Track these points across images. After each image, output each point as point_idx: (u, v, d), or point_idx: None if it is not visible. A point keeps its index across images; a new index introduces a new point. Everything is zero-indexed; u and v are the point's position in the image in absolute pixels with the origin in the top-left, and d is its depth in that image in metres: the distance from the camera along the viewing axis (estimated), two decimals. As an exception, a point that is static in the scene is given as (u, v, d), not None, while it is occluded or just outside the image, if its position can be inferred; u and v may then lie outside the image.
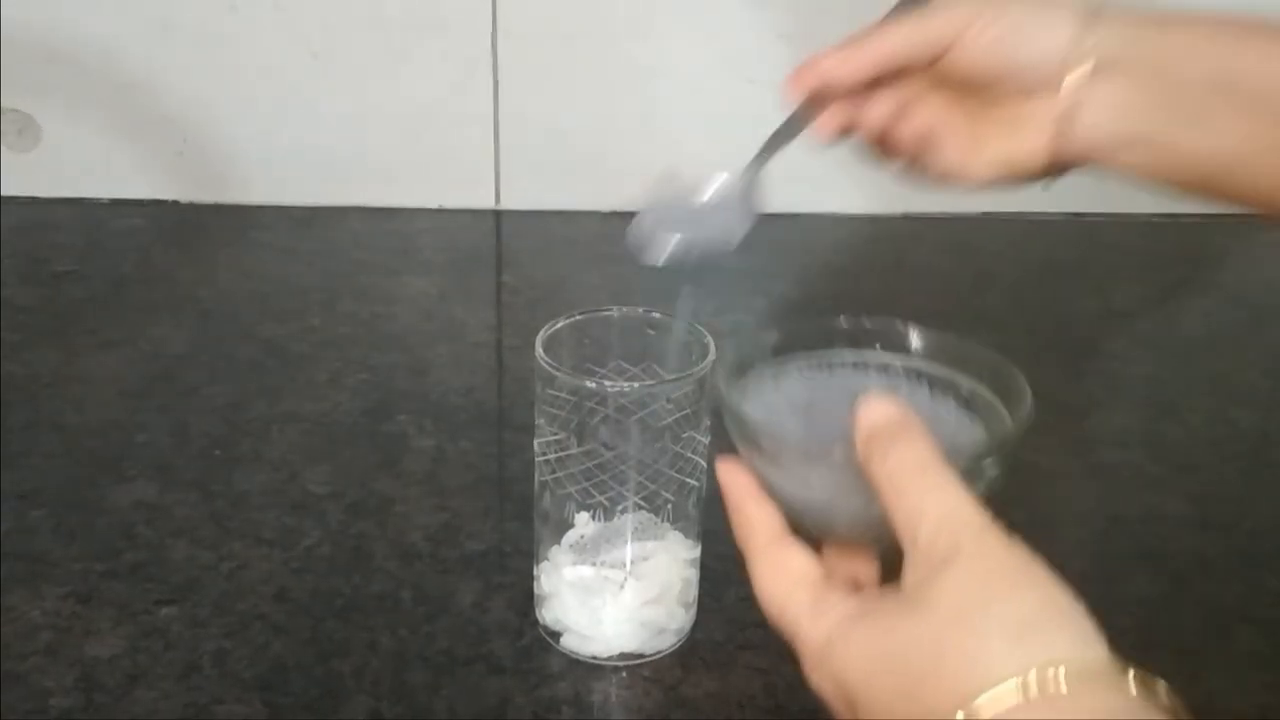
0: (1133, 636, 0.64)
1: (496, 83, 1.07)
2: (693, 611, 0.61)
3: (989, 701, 0.35)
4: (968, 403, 0.48)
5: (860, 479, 0.40)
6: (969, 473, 0.41)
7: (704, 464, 0.58)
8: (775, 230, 1.09)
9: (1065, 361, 0.91)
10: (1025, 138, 0.54)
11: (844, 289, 1.01)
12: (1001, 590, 0.37)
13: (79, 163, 1.09)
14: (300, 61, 1.06)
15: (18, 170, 1.08)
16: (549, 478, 0.58)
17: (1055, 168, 0.55)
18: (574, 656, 0.59)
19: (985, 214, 1.13)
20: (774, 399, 0.48)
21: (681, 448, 0.56)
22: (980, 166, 0.56)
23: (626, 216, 1.19)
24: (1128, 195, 1.18)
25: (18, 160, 1.08)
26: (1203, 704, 0.58)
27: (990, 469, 0.43)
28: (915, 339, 0.50)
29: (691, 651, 0.60)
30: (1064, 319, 0.98)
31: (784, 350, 0.50)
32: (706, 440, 0.57)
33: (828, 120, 0.57)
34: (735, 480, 0.44)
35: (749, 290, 0.99)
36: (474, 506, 0.70)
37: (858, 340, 0.50)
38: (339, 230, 1.08)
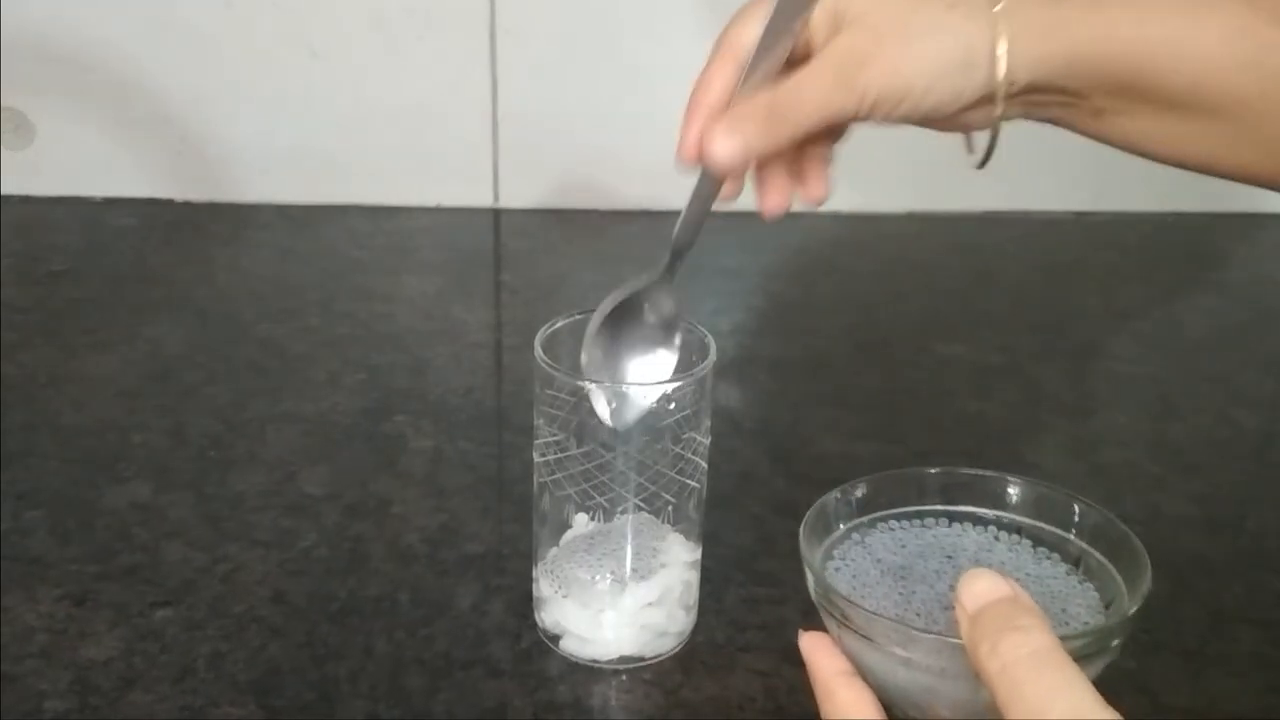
0: (1135, 637, 0.64)
1: (495, 81, 1.07)
2: (693, 614, 0.61)
3: None
4: (1075, 562, 0.45)
5: (965, 661, 0.37)
6: (1089, 653, 0.38)
7: (704, 465, 0.58)
8: (775, 230, 1.09)
9: (1067, 361, 0.91)
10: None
11: (844, 289, 1.01)
12: None
13: (75, 161, 1.09)
14: (298, 60, 1.06)
15: (13, 169, 1.08)
16: (548, 479, 0.57)
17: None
18: (573, 659, 0.59)
19: (987, 213, 1.12)
20: (863, 564, 0.45)
21: (682, 449, 0.56)
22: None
23: (626, 216, 1.20)
24: (1131, 194, 1.18)
25: (13, 158, 1.08)
26: (1205, 705, 0.58)
27: (1111, 647, 0.40)
28: (1014, 493, 0.47)
29: (692, 654, 0.60)
30: (1066, 318, 0.98)
31: (869, 506, 0.47)
32: (707, 441, 0.57)
33: (730, 188, 0.54)
34: (824, 659, 0.41)
35: (749, 290, 0.99)
36: (472, 508, 0.70)
37: (950, 494, 0.47)
38: (337, 229, 1.07)
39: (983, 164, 0.55)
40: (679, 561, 0.59)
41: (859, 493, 0.47)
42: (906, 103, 0.50)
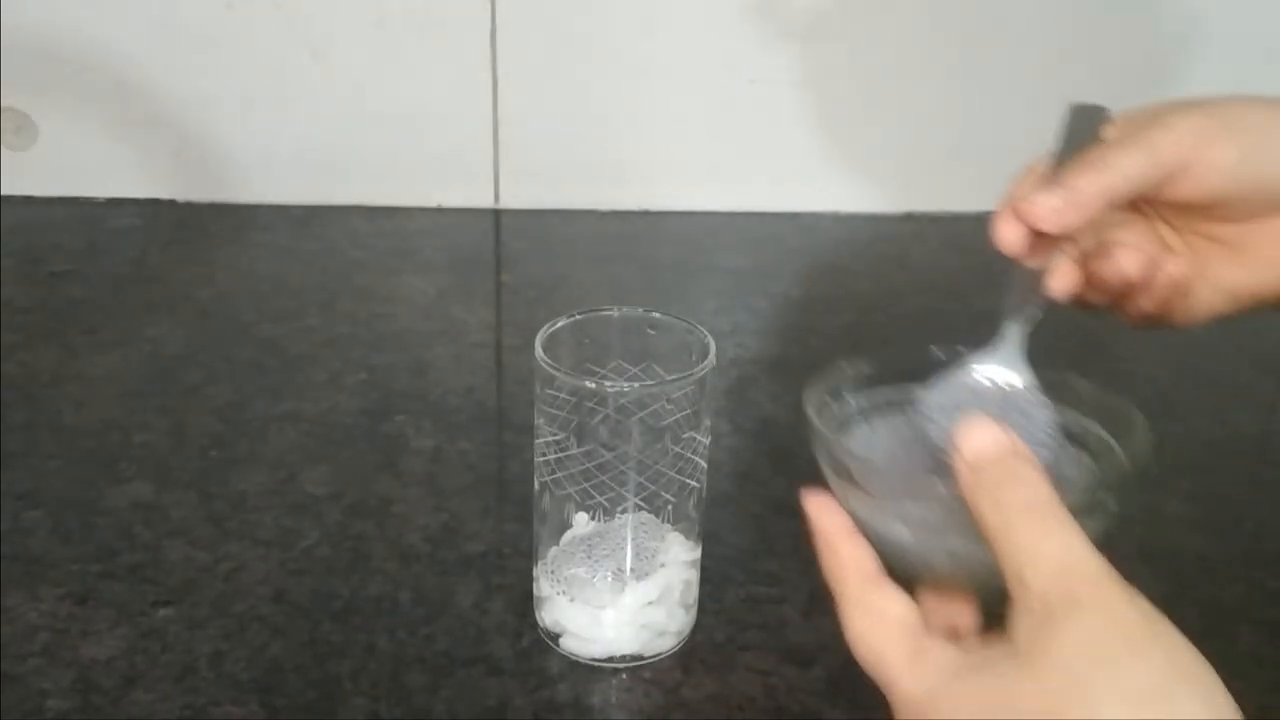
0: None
1: (495, 82, 1.07)
2: (693, 613, 0.61)
3: None
4: (1077, 439, 0.45)
5: (962, 516, 0.37)
6: (1084, 511, 0.38)
7: (704, 465, 0.58)
8: (775, 230, 1.10)
9: (1067, 361, 0.90)
10: (1262, 263, 0.49)
11: (844, 289, 1.01)
12: (1122, 652, 0.34)
13: (76, 162, 1.09)
14: (299, 60, 1.06)
15: (15, 169, 1.08)
16: (548, 478, 0.57)
17: None
18: (573, 658, 0.59)
19: (987, 213, 1.12)
20: (866, 430, 0.46)
21: (682, 448, 0.56)
22: (1214, 303, 0.51)
23: (626, 216, 1.20)
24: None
25: (15, 159, 1.08)
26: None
27: (1109, 507, 0.40)
28: (1019, 372, 0.47)
29: (692, 653, 0.60)
30: (1066, 318, 0.97)
31: (876, 382, 0.47)
32: (707, 441, 0.57)
33: (1066, 278, 0.51)
34: (826, 517, 0.41)
35: (749, 290, 0.99)
36: (473, 507, 0.70)
37: (958, 367, 0.47)
38: (338, 230, 1.07)
39: None
40: (679, 561, 0.59)
41: (864, 369, 0.47)
42: (1231, 140, 0.47)
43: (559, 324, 0.57)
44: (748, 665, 0.59)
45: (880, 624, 0.39)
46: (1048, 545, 0.35)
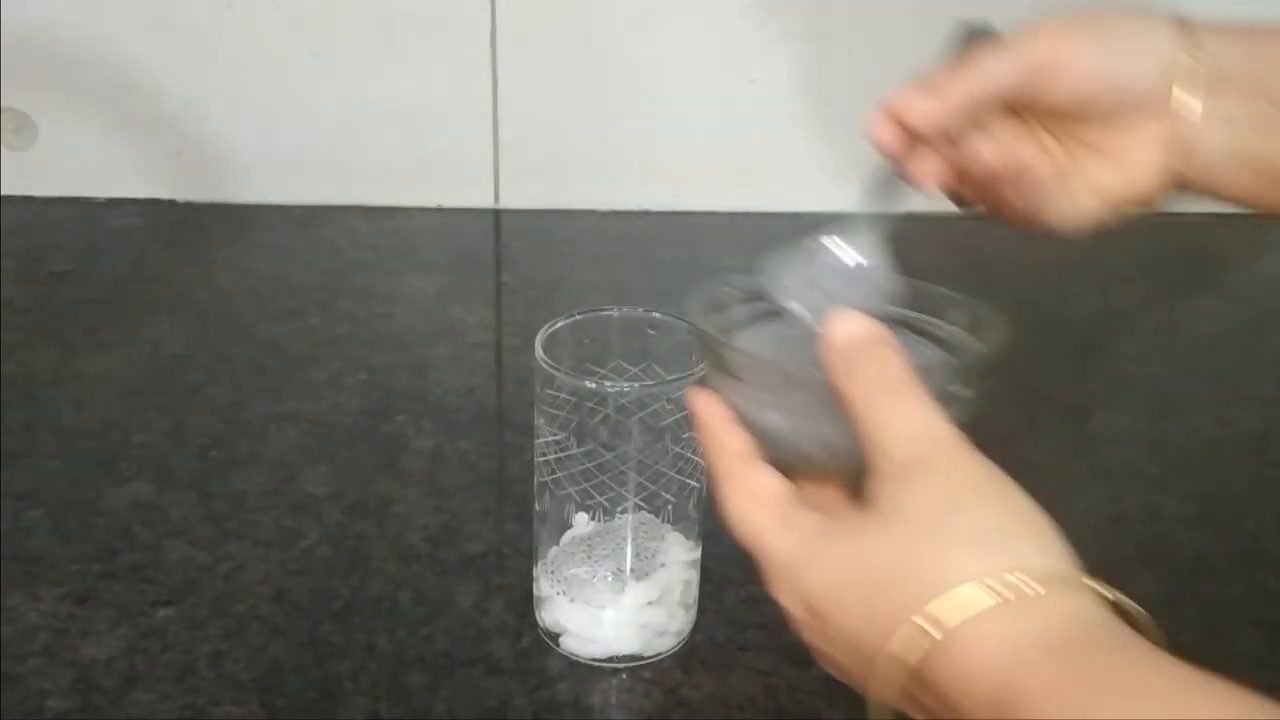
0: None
1: (495, 82, 1.07)
2: (693, 613, 0.61)
3: (946, 604, 0.35)
4: (944, 343, 0.47)
5: (832, 403, 0.40)
6: (940, 393, 0.40)
7: (704, 465, 0.58)
8: (776, 230, 1.10)
9: (1067, 361, 0.91)
10: (1133, 165, 0.51)
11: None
12: (966, 500, 0.37)
13: (76, 162, 1.09)
14: (299, 60, 1.06)
15: (15, 169, 1.08)
16: (548, 478, 0.57)
17: (1162, 194, 0.52)
18: (574, 658, 0.59)
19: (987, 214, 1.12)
20: (748, 331, 0.48)
21: (682, 448, 0.56)
22: (1089, 204, 0.53)
23: (626, 215, 1.20)
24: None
25: (15, 159, 1.08)
26: (1205, 705, 0.58)
27: (963, 392, 0.43)
28: (897, 285, 0.49)
29: (692, 653, 0.60)
30: (1066, 319, 0.98)
31: (755, 295, 0.49)
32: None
33: (930, 167, 0.52)
34: (706, 406, 0.43)
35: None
36: (473, 507, 0.70)
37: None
38: (338, 229, 1.07)
39: (1159, 196, 0.53)
40: (679, 560, 0.59)
41: (750, 281, 0.49)
42: (1090, 46, 0.50)
43: (559, 324, 0.57)
44: (748, 665, 0.59)
45: (753, 498, 0.41)
46: (902, 415, 0.38)
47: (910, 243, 1.19)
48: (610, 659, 0.59)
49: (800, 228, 1.17)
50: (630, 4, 1.05)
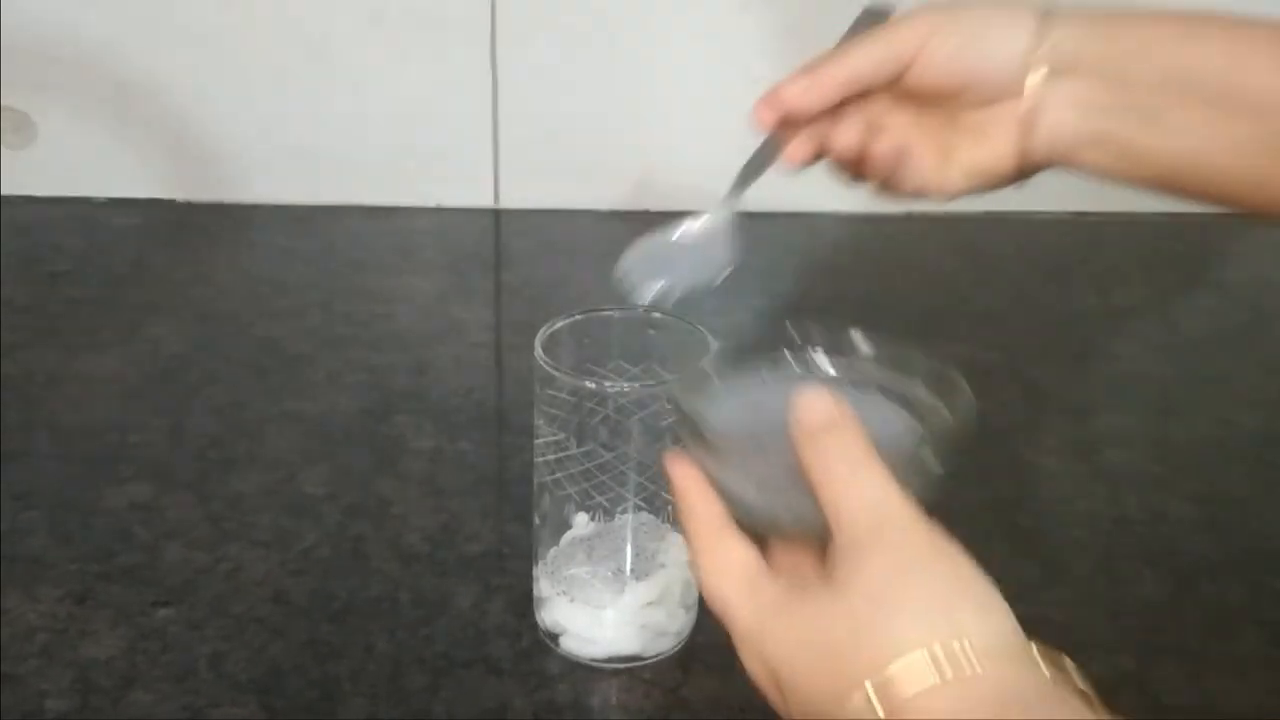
0: (1137, 637, 0.64)
1: (495, 82, 1.07)
2: (693, 614, 0.61)
3: (900, 671, 0.36)
4: (911, 405, 0.48)
5: (799, 475, 0.41)
6: (905, 466, 0.42)
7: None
8: (775, 230, 1.10)
9: (1067, 362, 0.91)
10: (992, 144, 0.55)
11: (844, 289, 1.01)
12: (915, 569, 0.39)
13: (76, 161, 1.09)
14: (298, 60, 1.06)
15: (14, 169, 1.08)
16: (548, 479, 0.57)
17: (1023, 171, 0.56)
18: (573, 659, 0.59)
19: (987, 213, 1.12)
20: (721, 399, 0.49)
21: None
22: (952, 177, 0.57)
23: (626, 216, 1.20)
24: (1129, 195, 1.18)
25: (14, 159, 1.08)
26: (1206, 705, 0.58)
27: (928, 463, 0.44)
28: (860, 345, 0.50)
29: (691, 654, 0.60)
30: (1066, 319, 0.98)
31: (738, 359, 0.50)
32: (707, 441, 0.57)
33: (797, 148, 0.57)
34: (681, 472, 0.45)
35: (749, 290, 0.99)
36: (473, 508, 0.70)
37: (807, 343, 0.51)
38: (337, 229, 1.07)
39: (1021, 174, 0.57)
40: (678, 561, 0.59)
41: (728, 349, 0.51)
42: (954, 36, 0.54)
43: (559, 324, 0.57)
44: (748, 666, 0.59)
45: (723, 568, 0.43)
46: (858, 489, 0.40)
47: (911, 243, 1.19)
48: (610, 659, 0.59)
49: (800, 228, 1.18)
50: (630, 4, 1.05)
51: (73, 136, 1.08)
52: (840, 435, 0.41)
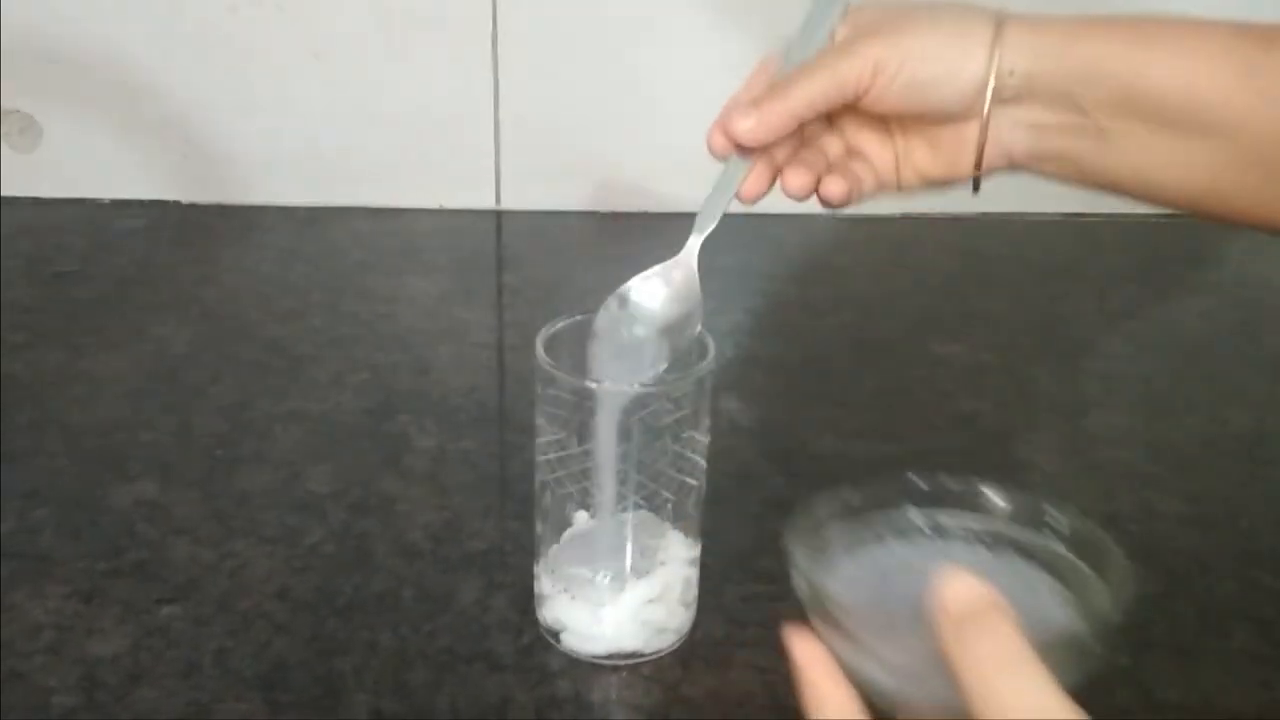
0: (1130, 635, 0.64)
1: (497, 84, 1.08)
2: (693, 610, 0.61)
3: None
4: (1057, 572, 0.44)
5: (939, 662, 0.37)
6: (1061, 651, 0.38)
7: (704, 464, 0.58)
8: (775, 230, 1.11)
9: (1062, 361, 0.91)
10: (948, 158, 0.57)
11: (842, 290, 1.02)
12: None
13: (81, 163, 1.09)
14: (302, 62, 1.06)
15: (20, 171, 1.09)
16: (549, 477, 0.58)
17: (979, 178, 0.57)
18: (574, 655, 0.59)
19: (983, 214, 1.13)
20: (848, 569, 0.45)
21: (681, 447, 0.57)
22: (906, 180, 0.59)
23: (626, 217, 1.20)
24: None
25: (20, 161, 1.09)
26: (1199, 703, 0.58)
27: (1085, 644, 0.40)
28: (997, 500, 0.46)
29: (691, 650, 0.60)
30: (1061, 319, 0.98)
31: (858, 512, 0.46)
32: (706, 440, 0.58)
33: (751, 185, 0.59)
34: (809, 655, 0.40)
35: (749, 290, 0.99)
36: (475, 506, 0.71)
37: (937, 500, 0.47)
38: (341, 231, 1.08)
39: (975, 183, 0.58)
40: (678, 559, 0.59)
41: (847, 499, 0.47)
42: (904, 72, 0.54)
43: (560, 325, 0.58)
44: (747, 662, 0.59)
45: None
46: (1015, 694, 0.35)
47: (907, 244, 1.20)
48: (610, 656, 0.59)
49: (800, 228, 1.18)
50: (631, 6, 1.06)
51: (78, 139, 1.08)
52: (992, 630, 0.37)
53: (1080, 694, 0.35)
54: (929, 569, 0.39)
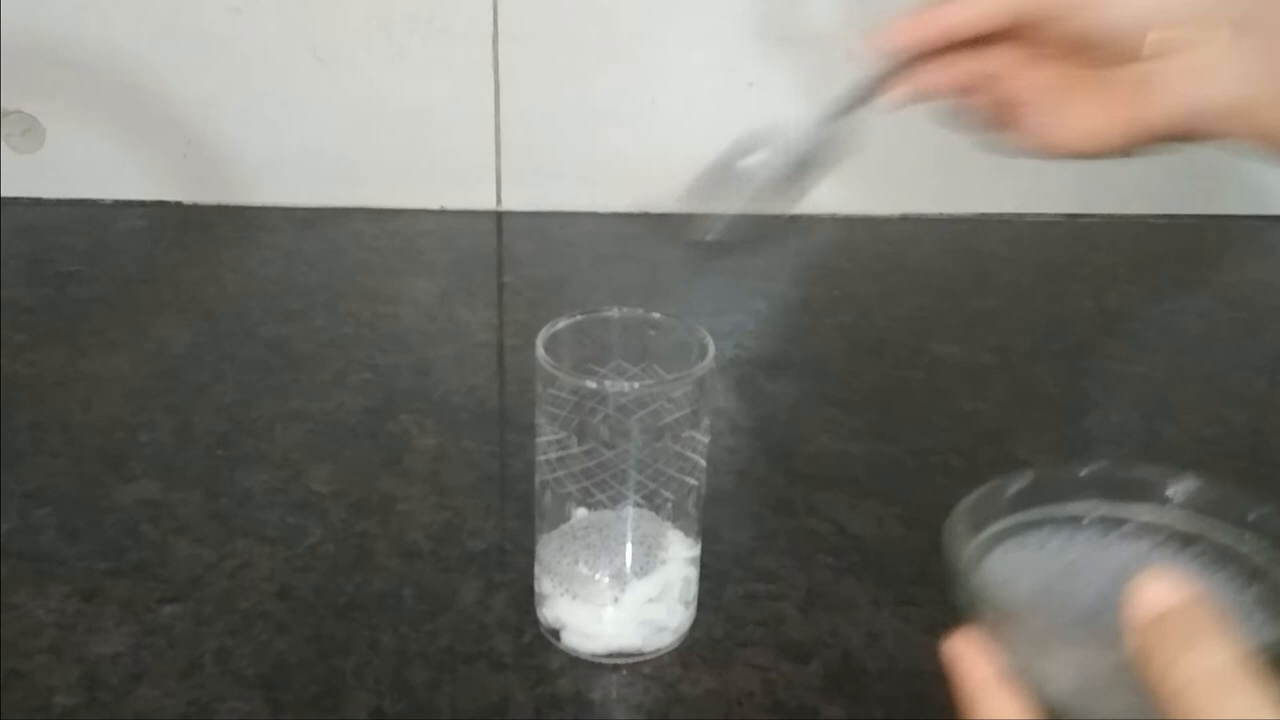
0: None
1: (497, 84, 1.08)
2: (692, 609, 0.61)
3: None
4: (1253, 571, 0.40)
5: (1131, 672, 0.33)
6: (1268, 661, 0.33)
7: (704, 463, 0.58)
8: (773, 231, 1.11)
9: (1061, 362, 0.91)
10: (1128, 103, 0.50)
11: (843, 289, 1.02)
12: None
13: (83, 164, 1.10)
14: (303, 63, 1.07)
15: (22, 171, 1.09)
16: (550, 477, 0.58)
17: (1151, 139, 0.50)
18: (574, 654, 0.59)
19: (982, 215, 1.13)
20: (1017, 564, 0.41)
21: (681, 447, 0.57)
22: (1071, 136, 0.52)
23: (626, 217, 1.20)
24: (1124, 197, 1.19)
25: (22, 161, 1.09)
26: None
27: None
28: (1179, 491, 0.42)
29: (691, 649, 0.60)
30: (1060, 319, 0.98)
31: (1023, 504, 0.42)
32: (706, 440, 0.58)
33: (928, 78, 0.53)
34: (974, 666, 0.37)
35: (749, 291, 1.00)
36: (475, 505, 0.71)
37: (1112, 491, 0.42)
38: (342, 231, 1.08)
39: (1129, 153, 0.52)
40: (678, 558, 0.59)
41: (1012, 490, 0.42)
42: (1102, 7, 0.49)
43: (560, 324, 0.58)
44: (746, 661, 0.60)
45: None
46: (1229, 713, 0.31)
47: (907, 245, 1.20)
48: (610, 655, 0.59)
49: (800, 228, 1.18)
50: (631, 7, 1.06)
51: (80, 140, 1.08)
52: (1203, 644, 0.32)
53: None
54: (1108, 560, 0.37)
